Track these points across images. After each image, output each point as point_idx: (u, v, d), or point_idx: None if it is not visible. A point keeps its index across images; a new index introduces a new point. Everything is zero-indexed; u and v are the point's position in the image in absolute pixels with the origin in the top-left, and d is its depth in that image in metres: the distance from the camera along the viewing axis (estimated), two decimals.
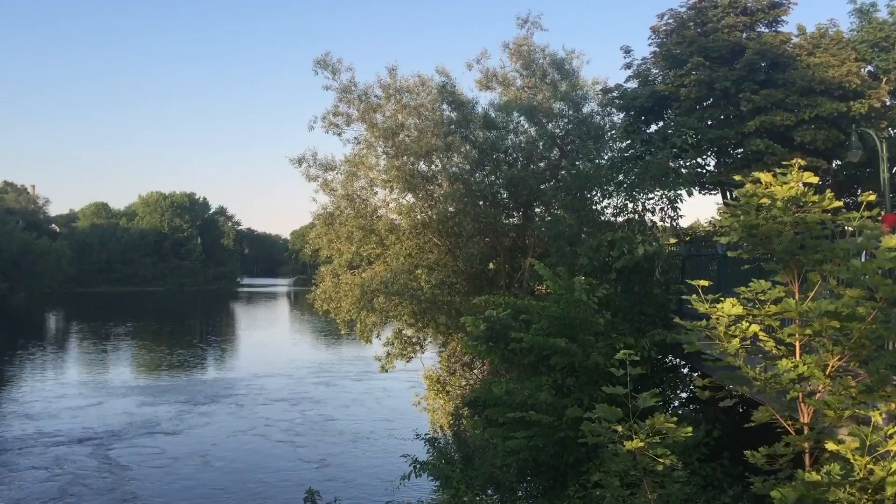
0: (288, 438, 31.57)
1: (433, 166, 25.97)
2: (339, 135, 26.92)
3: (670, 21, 25.67)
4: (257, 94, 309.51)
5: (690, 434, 7.48)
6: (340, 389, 43.00)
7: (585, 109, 25.29)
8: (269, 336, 76.58)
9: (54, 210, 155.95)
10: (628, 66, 26.24)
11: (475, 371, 25.97)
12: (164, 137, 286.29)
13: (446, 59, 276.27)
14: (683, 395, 18.41)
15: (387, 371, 28.35)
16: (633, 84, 25.99)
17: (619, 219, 22.01)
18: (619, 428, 7.29)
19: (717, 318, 7.36)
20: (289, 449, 30.00)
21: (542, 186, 24.29)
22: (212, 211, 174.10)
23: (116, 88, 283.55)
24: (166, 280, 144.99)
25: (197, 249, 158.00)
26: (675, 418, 7.52)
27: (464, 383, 25.79)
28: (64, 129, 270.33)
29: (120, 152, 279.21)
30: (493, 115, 24.84)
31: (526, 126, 25.20)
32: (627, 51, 26.29)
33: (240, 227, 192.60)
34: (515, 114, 24.65)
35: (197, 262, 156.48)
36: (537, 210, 25.27)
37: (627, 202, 21.98)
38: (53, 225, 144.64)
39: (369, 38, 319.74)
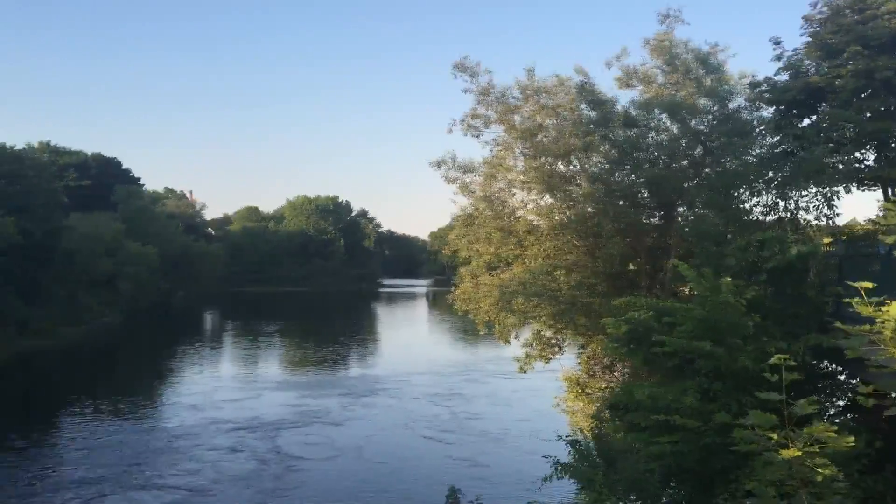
0: (434, 435, 32.54)
1: (572, 166, 25.78)
2: (478, 137, 27.18)
3: (824, 9, 24.33)
4: (395, 96, 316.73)
5: (852, 444, 7.13)
6: (482, 388, 43.60)
7: (732, 105, 24.33)
8: (411, 334, 78.50)
9: (210, 214, 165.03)
10: (778, 57, 25.05)
11: (616, 374, 25.57)
12: (310, 142, 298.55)
13: (584, 58, 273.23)
14: (840, 402, 17.49)
15: (525, 372, 28.39)
16: (783, 77, 24.80)
17: (769, 218, 21.17)
18: (774, 436, 7.03)
19: (883, 322, 6.97)
20: (435, 445, 30.97)
21: (685, 185, 23.58)
22: (354, 213, 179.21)
23: (265, 95, 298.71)
24: (310, 281, 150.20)
25: (340, 251, 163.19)
26: (835, 427, 7.18)
27: (604, 386, 25.45)
28: (218, 136, 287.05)
29: (269, 157, 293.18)
30: (633, 112, 24.32)
31: (668, 123, 24.52)
32: (777, 42, 25.11)
33: (380, 230, 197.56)
34: (657, 111, 24.02)
35: (340, 263, 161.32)
36: (680, 209, 24.56)
37: (778, 200, 21.19)
38: (209, 228, 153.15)
39: (506, 39, 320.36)
